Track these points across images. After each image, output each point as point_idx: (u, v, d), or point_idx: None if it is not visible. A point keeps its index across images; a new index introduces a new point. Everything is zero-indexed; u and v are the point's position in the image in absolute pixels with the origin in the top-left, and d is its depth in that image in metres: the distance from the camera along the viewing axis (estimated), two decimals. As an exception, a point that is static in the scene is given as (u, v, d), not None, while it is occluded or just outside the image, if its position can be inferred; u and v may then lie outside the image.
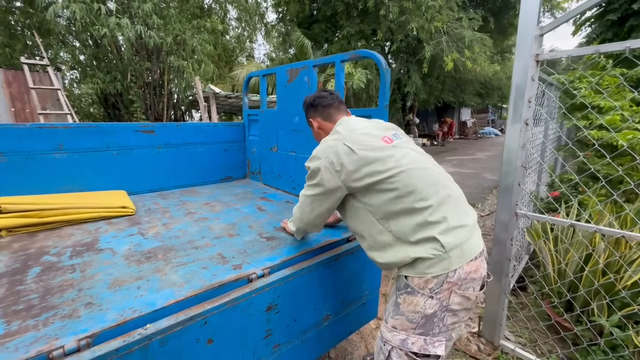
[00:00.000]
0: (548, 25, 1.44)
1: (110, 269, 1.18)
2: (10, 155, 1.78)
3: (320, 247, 1.42)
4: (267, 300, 1.17)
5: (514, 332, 1.97)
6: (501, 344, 1.82)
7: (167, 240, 1.46)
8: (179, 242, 1.44)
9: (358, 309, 1.63)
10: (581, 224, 1.40)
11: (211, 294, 1.06)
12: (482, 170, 8.23)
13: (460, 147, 13.81)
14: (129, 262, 1.24)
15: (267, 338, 1.21)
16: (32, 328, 0.86)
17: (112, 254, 1.31)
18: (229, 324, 1.06)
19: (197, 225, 1.66)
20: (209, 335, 1.02)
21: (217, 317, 1.02)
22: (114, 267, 1.20)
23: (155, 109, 7.71)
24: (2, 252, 1.33)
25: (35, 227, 1.57)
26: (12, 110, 5.02)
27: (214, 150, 2.65)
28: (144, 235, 1.51)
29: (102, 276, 1.13)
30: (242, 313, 1.09)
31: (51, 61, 5.72)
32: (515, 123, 1.58)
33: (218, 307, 1.02)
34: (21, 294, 1.02)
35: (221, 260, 1.26)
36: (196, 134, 2.53)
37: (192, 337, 0.97)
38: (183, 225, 1.66)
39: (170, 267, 1.20)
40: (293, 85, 2.15)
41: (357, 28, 10.74)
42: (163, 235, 1.52)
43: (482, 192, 6.01)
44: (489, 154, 11.61)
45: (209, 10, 8.84)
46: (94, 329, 0.86)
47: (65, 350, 0.79)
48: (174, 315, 0.95)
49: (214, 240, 1.46)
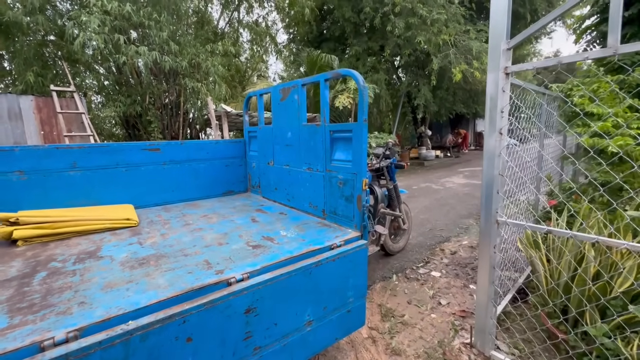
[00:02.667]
0: (515, 39, 1.51)
1: (106, 274, 1.31)
2: (30, 174, 1.99)
3: (302, 254, 1.50)
4: (245, 303, 1.25)
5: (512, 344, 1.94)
6: (491, 354, 1.81)
7: (161, 249, 1.58)
8: (172, 250, 1.56)
9: (343, 316, 1.68)
10: (557, 230, 1.42)
11: (191, 295, 1.16)
12: (495, 181, 8.04)
13: (474, 159, 13.58)
14: (123, 268, 1.36)
15: (247, 340, 1.28)
16: (30, 322, 0.98)
17: (110, 260, 1.45)
18: (208, 323, 1.15)
19: (191, 235, 1.78)
20: (188, 334, 1.11)
21: (195, 316, 1.12)
22: (109, 272, 1.32)
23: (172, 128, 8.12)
24: (16, 259, 1.49)
25: (48, 238, 1.74)
26: (42, 133, 5.46)
27: (216, 166, 2.81)
28: (141, 244, 1.65)
29: (98, 280, 1.26)
30: (221, 314, 1.18)
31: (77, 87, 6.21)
32: (492, 133, 1.63)
33: (197, 307, 1.12)
34: (26, 294, 1.15)
35: (206, 266, 1.37)
36: (199, 150, 2.70)
37: (171, 335, 1.07)
38: (179, 235, 1.79)
39: (159, 272, 1.32)
40: (285, 103, 2.29)
41: (365, 45, 11.02)
42: (159, 244, 1.64)
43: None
44: (504, 164, 11.33)
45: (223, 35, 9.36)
46: (82, 323, 0.97)
47: (55, 341, 0.91)
48: (154, 314, 1.05)
49: (204, 249, 1.57)
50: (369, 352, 1.94)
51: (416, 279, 2.89)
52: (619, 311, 1.53)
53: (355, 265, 1.68)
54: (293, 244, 1.61)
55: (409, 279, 2.90)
